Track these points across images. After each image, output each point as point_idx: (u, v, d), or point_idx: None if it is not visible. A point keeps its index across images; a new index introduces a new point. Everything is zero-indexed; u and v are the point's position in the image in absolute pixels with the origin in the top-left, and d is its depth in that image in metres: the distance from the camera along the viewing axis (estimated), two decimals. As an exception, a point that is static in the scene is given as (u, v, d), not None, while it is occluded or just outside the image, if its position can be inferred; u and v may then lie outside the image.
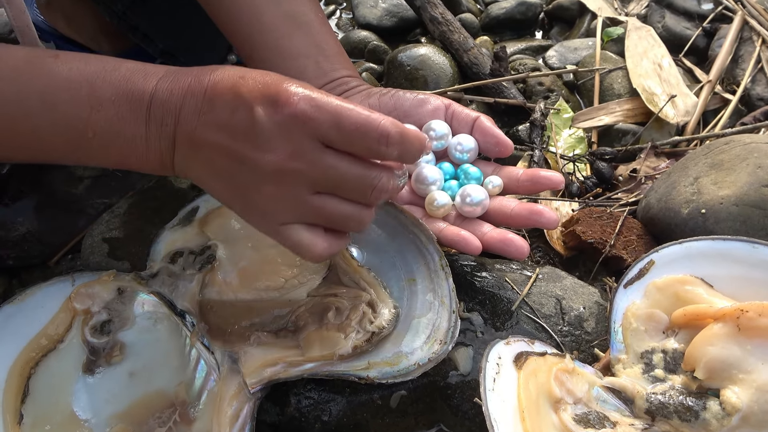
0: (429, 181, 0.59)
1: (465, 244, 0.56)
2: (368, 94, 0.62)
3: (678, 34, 1.05)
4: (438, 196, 0.59)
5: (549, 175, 0.57)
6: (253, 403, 0.53)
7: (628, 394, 0.53)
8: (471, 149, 0.61)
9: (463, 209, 0.59)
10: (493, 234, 0.57)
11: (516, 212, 0.57)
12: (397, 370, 0.52)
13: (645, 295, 0.57)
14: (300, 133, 0.45)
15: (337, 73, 0.63)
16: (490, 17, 1.20)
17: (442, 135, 0.60)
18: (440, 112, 0.61)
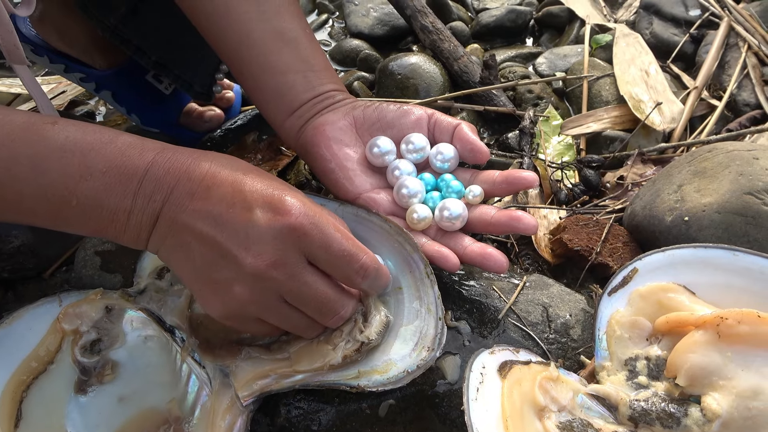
0: (410, 194, 0.60)
1: (444, 260, 0.56)
2: (353, 106, 0.64)
3: (666, 40, 1.06)
4: (419, 209, 0.59)
5: (523, 176, 0.58)
6: (246, 416, 0.54)
7: (612, 401, 0.53)
8: (451, 158, 0.61)
9: (442, 223, 0.59)
10: (473, 248, 0.57)
11: (496, 219, 0.58)
12: (387, 378, 0.53)
13: (629, 302, 0.58)
14: (291, 244, 0.47)
15: (325, 87, 0.65)
16: (480, 25, 1.22)
17: (420, 148, 0.61)
18: (422, 122, 0.62)
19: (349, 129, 0.63)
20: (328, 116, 0.63)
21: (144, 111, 1.00)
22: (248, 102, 1.08)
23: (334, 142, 0.61)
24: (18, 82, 1.25)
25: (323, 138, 0.61)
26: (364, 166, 0.62)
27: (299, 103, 0.64)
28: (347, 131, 0.62)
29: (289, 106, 0.64)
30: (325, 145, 0.61)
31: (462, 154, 0.61)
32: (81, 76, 0.97)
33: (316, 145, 0.62)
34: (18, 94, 1.24)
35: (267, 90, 0.64)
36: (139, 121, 1.02)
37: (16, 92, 1.23)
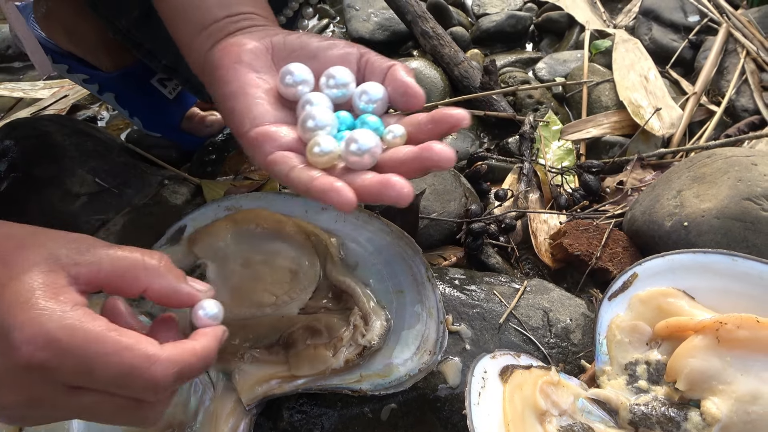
0: (317, 126, 0.47)
1: (336, 195, 0.43)
2: (275, 33, 0.54)
3: (665, 45, 1.07)
4: (322, 141, 0.47)
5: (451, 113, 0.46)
6: (249, 420, 0.54)
7: (613, 405, 0.54)
8: (378, 99, 0.49)
9: (348, 158, 0.46)
10: (371, 179, 0.44)
11: (406, 155, 0.46)
12: (389, 382, 0.53)
13: (629, 307, 0.58)
14: (40, 381, 0.39)
15: (243, 7, 0.56)
16: (480, 30, 1.22)
17: (343, 83, 0.50)
18: (351, 57, 0.52)
19: (263, 54, 0.52)
20: (240, 38, 0.53)
21: (146, 114, 1.01)
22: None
23: (241, 65, 0.51)
24: (21, 86, 1.26)
25: (229, 59, 0.51)
26: (273, 97, 0.51)
27: (211, 20, 0.55)
28: (260, 56, 0.52)
29: (198, 23, 0.55)
30: (230, 66, 0.51)
31: (393, 97, 0.49)
32: (84, 77, 0.98)
33: (220, 67, 0.52)
34: (20, 98, 1.24)
35: (178, 4, 0.56)
36: (141, 124, 1.02)
37: (18, 96, 1.24)
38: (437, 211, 0.77)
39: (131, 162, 0.91)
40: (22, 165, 0.86)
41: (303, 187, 0.45)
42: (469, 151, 0.95)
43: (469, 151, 0.95)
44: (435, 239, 0.77)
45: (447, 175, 0.80)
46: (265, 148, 0.47)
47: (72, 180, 0.84)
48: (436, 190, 0.78)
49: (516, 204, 0.83)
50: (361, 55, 0.51)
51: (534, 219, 0.79)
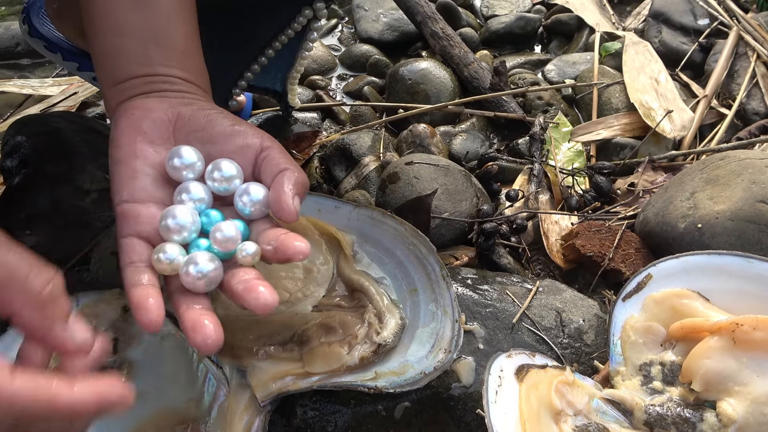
0: (174, 226, 0.46)
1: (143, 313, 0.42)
2: (188, 102, 0.52)
3: (675, 48, 1.07)
4: (168, 249, 0.45)
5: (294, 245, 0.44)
6: (263, 416, 0.54)
7: (627, 405, 0.54)
8: (258, 202, 0.48)
9: (184, 278, 0.45)
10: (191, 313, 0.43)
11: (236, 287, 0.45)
12: (404, 380, 0.53)
13: (643, 308, 0.58)
14: None
15: (167, 69, 0.53)
16: (489, 32, 1.22)
17: (228, 177, 0.48)
18: (251, 151, 0.50)
19: (166, 125, 0.50)
20: (149, 101, 0.51)
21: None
22: (259, 106, 1.09)
23: (136, 132, 0.49)
24: (30, 83, 1.26)
25: (127, 123, 0.50)
26: (160, 173, 0.49)
27: (127, 75, 0.52)
28: (161, 126, 0.50)
29: (116, 75, 0.53)
30: (124, 132, 0.49)
31: (269, 202, 0.48)
32: (94, 75, 0.98)
33: (116, 128, 0.50)
34: (29, 95, 1.25)
35: (102, 48, 0.54)
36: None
37: (27, 93, 1.24)
38: (449, 211, 0.77)
39: (142, 159, 0.91)
40: (34, 161, 0.86)
41: (126, 287, 0.44)
42: (479, 152, 0.95)
43: (479, 152, 0.95)
44: (446, 239, 0.77)
45: (458, 175, 0.80)
46: (122, 229, 0.47)
47: (83, 176, 0.84)
48: (448, 190, 0.78)
49: (526, 205, 0.83)
50: (263, 149, 0.50)
51: (545, 220, 0.79)
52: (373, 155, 0.94)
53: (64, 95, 1.20)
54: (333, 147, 0.97)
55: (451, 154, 0.95)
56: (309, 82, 1.17)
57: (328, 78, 1.21)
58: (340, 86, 1.19)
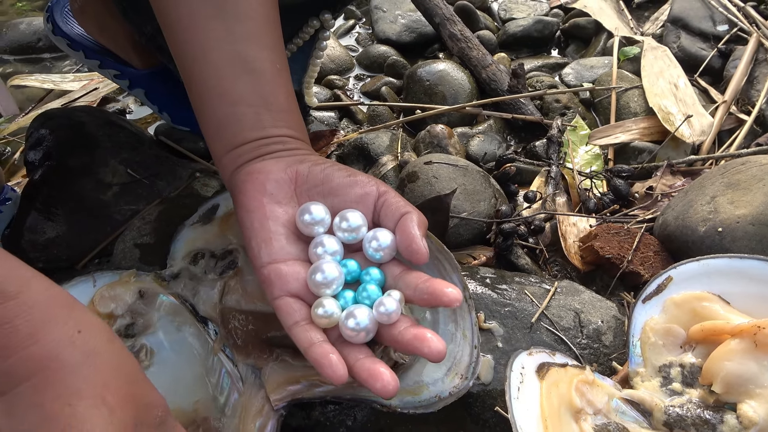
0: (324, 281, 0.49)
1: (330, 369, 0.46)
2: (301, 159, 0.55)
3: (693, 54, 1.07)
4: (326, 304, 0.49)
5: (447, 291, 0.47)
6: (276, 419, 0.54)
7: (647, 406, 0.54)
8: (386, 247, 0.51)
9: (345, 332, 0.49)
10: (364, 363, 0.47)
11: (400, 336, 0.48)
12: (419, 401, 0.53)
13: (663, 310, 0.58)
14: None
15: (278, 130, 0.57)
16: (507, 34, 1.23)
17: (355, 227, 0.51)
18: (369, 198, 0.53)
19: (287, 184, 0.54)
20: (267, 163, 0.54)
21: (175, 110, 1.02)
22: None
23: (264, 195, 0.52)
24: (51, 78, 1.28)
25: (253, 187, 0.53)
26: (290, 230, 0.53)
27: (242, 141, 0.55)
28: (284, 186, 0.53)
29: (230, 141, 0.56)
30: (253, 196, 0.53)
31: (399, 246, 0.51)
32: (115, 73, 0.99)
33: (243, 192, 0.53)
34: (50, 89, 1.26)
35: (213, 118, 0.56)
36: (169, 119, 1.03)
37: (48, 87, 1.26)
38: (467, 211, 0.77)
39: (162, 154, 0.92)
40: (57, 154, 0.87)
41: (301, 347, 0.48)
42: (496, 154, 0.95)
43: (497, 154, 0.95)
44: (464, 238, 0.77)
45: (477, 175, 0.81)
46: (274, 290, 0.50)
47: (105, 170, 0.85)
48: (467, 190, 0.78)
49: (544, 207, 0.83)
50: (380, 194, 0.53)
51: (563, 222, 0.79)
52: (390, 155, 0.94)
53: (85, 90, 1.21)
54: (351, 146, 0.98)
55: (468, 155, 0.96)
56: (326, 81, 1.18)
57: (346, 78, 1.21)
58: (357, 86, 1.20)
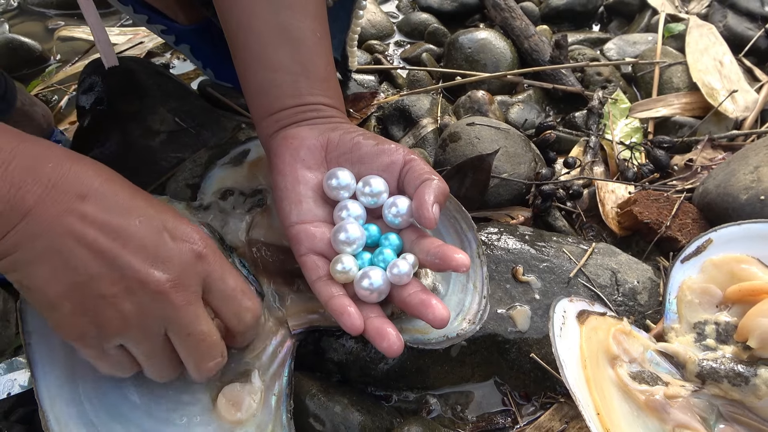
0: (347, 240, 0.53)
1: (348, 318, 0.49)
2: (334, 127, 0.58)
3: (739, 34, 1.06)
4: (345, 260, 0.52)
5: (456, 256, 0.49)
6: (292, 343, 0.56)
7: (680, 359, 0.55)
8: (403, 214, 0.54)
9: (358, 291, 0.52)
10: (374, 321, 0.49)
11: (408, 299, 0.50)
12: (427, 339, 0.55)
13: (701, 270, 0.60)
14: (194, 272, 0.46)
15: (314, 98, 0.59)
16: (550, 7, 1.23)
17: (377, 192, 0.54)
18: (395, 167, 0.55)
19: (319, 150, 0.57)
20: (302, 130, 0.57)
21: (219, 66, 1.04)
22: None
23: (297, 160, 0.56)
24: (98, 31, 1.30)
25: (287, 151, 0.56)
26: (319, 194, 0.56)
27: (280, 107, 0.58)
28: (315, 152, 0.57)
29: (269, 107, 0.59)
30: (287, 160, 0.56)
31: (413, 210, 0.53)
32: (162, 28, 1.01)
33: (277, 156, 0.57)
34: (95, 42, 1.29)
35: (254, 83, 0.60)
36: (213, 75, 1.05)
37: (93, 40, 1.28)
38: (508, 172, 0.78)
39: (208, 106, 0.95)
40: (108, 99, 0.90)
41: (322, 300, 0.52)
42: (535, 122, 0.96)
43: (536, 123, 0.96)
44: (504, 198, 0.79)
45: (518, 139, 0.82)
46: (300, 248, 0.54)
47: (153, 117, 0.88)
48: (508, 152, 0.80)
49: (582, 173, 0.84)
50: (406, 162, 0.55)
51: (602, 188, 0.80)
52: (431, 117, 0.96)
53: (131, 44, 1.24)
54: (392, 108, 0.99)
55: (507, 122, 0.96)
56: (367, 46, 1.19)
57: (386, 44, 1.22)
58: (397, 53, 1.21)
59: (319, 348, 0.62)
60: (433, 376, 0.61)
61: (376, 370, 0.61)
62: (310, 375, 0.60)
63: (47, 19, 1.37)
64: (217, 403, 0.52)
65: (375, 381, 0.62)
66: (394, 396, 0.62)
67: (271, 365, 0.55)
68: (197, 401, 0.53)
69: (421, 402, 0.62)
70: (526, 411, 0.61)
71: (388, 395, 0.62)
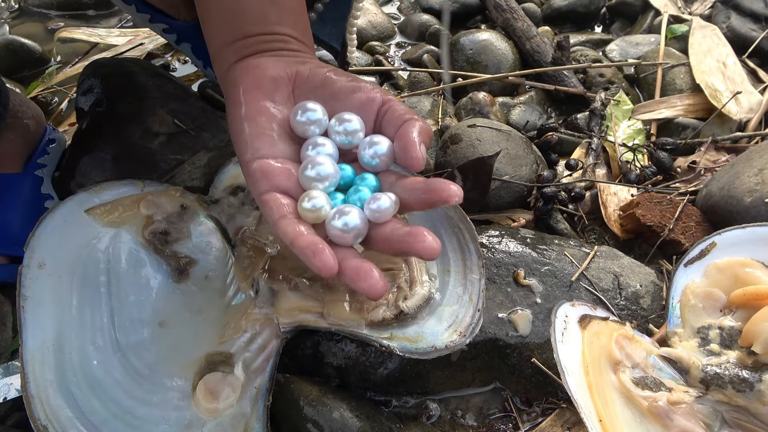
0: (318, 176, 0.46)
1: (318, 258, 0.41)
2: (303, 61, 0.53)
3: (743, 35, 1.05)
4: (316, 196, 0.45)
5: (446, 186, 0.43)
6: (280, 341, 0.56)
7: (684, 364, 0.55)
8: (383, 154, 0.47)
9: (331, 231, 0.44)
10: (351, 261, 0.42)
11: (391, 233, 0.44)
12: (416, 348, 0.54)
13: (705, 274, 0.59)
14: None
15: (282, 28, 0.54)
16: (552, 8, 1.22)
17: (352, 131, 0.48)
18: (373, 105, 0.49)
19: (285, 83, 0.51)
20: (267, 60, 0.51)
21: (220, 66, 1.03)
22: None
23: (258, 90, 0.50)
24: (98, 32, 1.30)
25: (247, 80, 0.50)
26: (283, 130, 0.50)
27: (243, 34, 0.52)
28: (281, 84, 0.51)
29: (231, 34, 0.53)
30: (246, 89, 0.50)
31: (396, 152, 0.47)
32: (164, 27, 1.01)
33: (236, 86, 0.51)
34: (96, 43, 1.29)
35: (215, 11, 0.54)
36: (214, 76, 1.04)
37: (94, 41, 1.28)
38: (509, 174, 0.78)
39: (208, 108, 0.94)
40: (107, 101, 0.90)
41: (288, 240, 0.44)
42: (537, 124, 0.95)
43: (537, 124, 0.95)
44: (505, 201, 0.78)
45: (519, 141, 0.81)
46: (261, 185, 0.47)
47: (153, 119, 0.87)
48: (509, 154, 0.79)
49: (584, 176, 0.83)
50: (384, 102, 0.49)
51: (604, 190, 0.79)
52: (432, 119, 0.95)
53: (131, 45, 1.23)
54: (392, 109, 0.99)
55: (509, 124, 0.96)
56: (368, 47, 1.19)
57: (387, 45, 1.22)
58: (398, 54, 1.20)
59: (317, 352, 0.61)
60: (433, 380, 0.61)
61: (375, 374, 0.60)
62: (308, 380, 0.59)
63: (47, 21, 1.37)
64: (196, 390, 0.52)
65: (374, 386, 0.61)
66: (394, 401, 0.61)
67: (256, 359, 0.55)
68: (178, 386, 0.54)
69: (421, 407, 0.61)
70: (528, 417, 0.60)
71: (387, 400, 0.61)
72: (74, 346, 0.54)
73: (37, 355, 0.53)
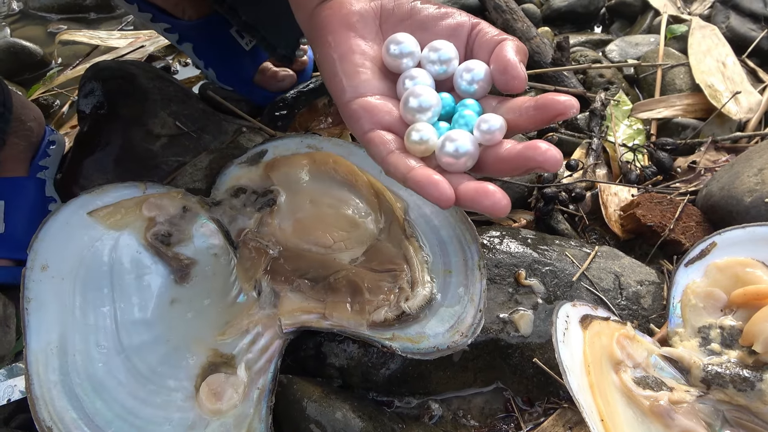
0: (420, 107, 0.44)
1: (435, 189, 0.41)
2: None
3: (742, 35, 1.06)
4: (422, 128, 0.44)
5: (559, 99, 0.41)
6: (282, 342, 0.56)
7: (685, 364, 0.55)
8: (480, 79, 0.45)
9: (443, 159, 0.43)
10: (468, 185, 0.42)
11: (507, 153, 0.42)
12: (417, 348, 0.55)
13: (705, 274, 0.59)
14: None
15: None
16: (551, 9, 1.22)
17: (446, 59, 0.47)
18: (462, 30, 0.48)
19: (371, 18, 0.50)
20: None
21: (221, 67, 1.04)
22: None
23: (347, 28, 0.49)
24: (98, 34, 1.30)
25: (336, 20, 0.49)
26: (377, 66, 0.48)
27: None
28: (368, 20, 0.50)
29: None
30: (336, 28, 0.49)
31: (494, 75, 0.45)
32: (166, 26, 1.01)
33: (324, 27, 0.50)
34: (96, 46, 1.29)
35: None
36: (215, 77, 1.05)
37: (95, 44, 1.28)
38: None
39: (209, 110, 0.95)
40: (108, 103, 0.90)
41: (400, 175, 0.43)
42: (537, 124, 0.96)
43: (538, 124, 0.96)
44: (505, 201, 0.78)
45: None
46: (364, 124, 0.46)
47: (154, 121, 0.88)
48: (510, 155, 0.79)
49: (584, 176, 0.84)
50: (473, 26, 0.48)
51: (605, 191, 0.79)
52: (432, 120, 0.95)
53: (132, 47, 1.24)
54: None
55: (509, 125, 0.96)
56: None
57: (387, 46, 1.22)
58: (398, 55, 1.20)
59: (320, 353, 0.61)
60: (435, 381, 0.61)
61: (377, 375, 0.61)
62: (311, 380, 0.59)
63: (48, 23, 1.37)
64: (200, 391, 0.52)
65: (377, 386, 0.61)
66: (396, 401, 0.62)
67: (258, 360, 0.55)
68: (181, 387, 0.54)
69: (423, 407, 0.61)
70: (529, 416, 0.60)
71: (389, 401, 0.62)
72: (78, 347, 0.55)
73: (41, 357, 0.53)
